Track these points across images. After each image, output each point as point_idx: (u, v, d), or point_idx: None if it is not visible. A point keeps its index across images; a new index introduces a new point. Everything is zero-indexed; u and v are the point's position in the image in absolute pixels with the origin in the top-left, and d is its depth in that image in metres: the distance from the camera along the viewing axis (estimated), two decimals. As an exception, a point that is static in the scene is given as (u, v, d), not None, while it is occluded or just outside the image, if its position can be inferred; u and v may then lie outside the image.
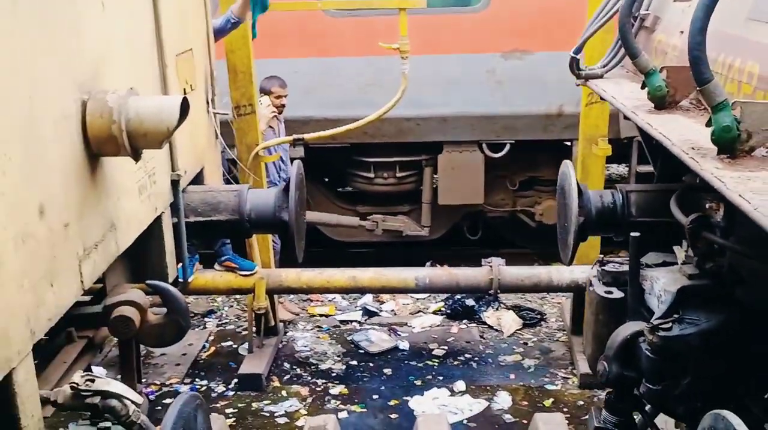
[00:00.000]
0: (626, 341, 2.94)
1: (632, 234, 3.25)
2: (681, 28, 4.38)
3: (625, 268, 3.39)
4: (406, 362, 6.57)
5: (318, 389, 6.16)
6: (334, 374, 6.38)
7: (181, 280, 4.28)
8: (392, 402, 5.94)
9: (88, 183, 2.91)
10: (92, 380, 2.59)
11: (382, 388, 6.15)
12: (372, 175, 7.84)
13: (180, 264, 4.15)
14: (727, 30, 3.66)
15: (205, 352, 6.82)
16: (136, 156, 2.98)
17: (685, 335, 2.71)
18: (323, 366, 6.53)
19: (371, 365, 6.53)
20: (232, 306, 7.82)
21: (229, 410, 5.84)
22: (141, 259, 3.81)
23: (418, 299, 7.73)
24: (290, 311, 7.38)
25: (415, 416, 5.59)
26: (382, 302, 7.71)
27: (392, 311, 7.58)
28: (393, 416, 5.77)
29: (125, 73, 3.34)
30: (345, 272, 6.19)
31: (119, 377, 3.31)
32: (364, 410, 5.84)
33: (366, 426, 5.61)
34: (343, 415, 5.75)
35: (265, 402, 5.96)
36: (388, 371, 6.43)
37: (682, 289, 2.89)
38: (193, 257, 6.33)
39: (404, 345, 6.81)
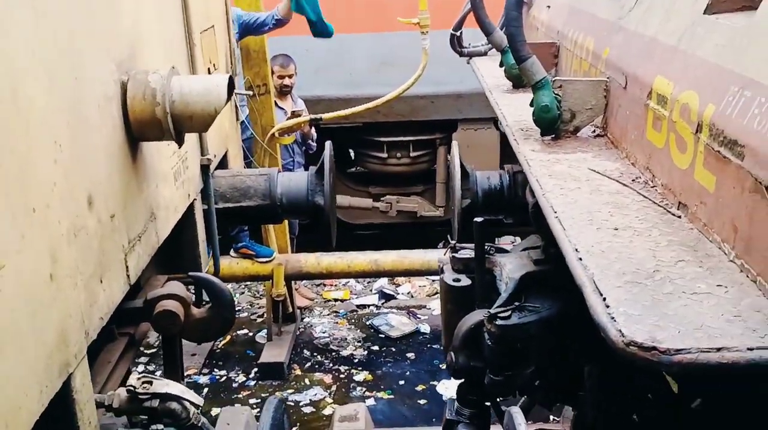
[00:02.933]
0: (471, 331, 2.72)
1: (475, 219, 3.01)
2: (548, 3, 4.22)
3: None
4: (428, 345, 6.45)
5: (341, 376, 6.02)
6: (356, 360, 6.25)
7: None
8: (419, 387, 5.82)
9: (129, 170, 2.71)
10: (150, 382, 2.42)
11: (408, 373, 6.02)
12: (385, 155, 7.65)
13: (211, 253, 3.96)
14: (577, 4, 3.54)
15: (221, 341, 6.65)
16: (180, 140, 2.78)
17: (524, 324, 2.48)
18: (344, 352, 6.39)
19: (393, 349, 6.40)
20: (243, 292, 7.65)
21: (252, 401, 5.70)
22: (173, 248, 3.61)
23: (434, 280, 7.58)
24: (305, 297, 7.22)
25: (444, 401, 5.47)
26: (398, 285, 7.57)
27: (409, 293, 7.44)
28: (422, 401, 5.64)
29: (157, 52, 3.12)
30: (366, 255, 6.03)
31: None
32: (392, 396, 5.71)
33: (397, 414, 5.48)
34: (370, 402, 5.62)
35: (289, 391, 5.82)
36: (411, 355, 6.30)
37: (524, 275, 2.68)
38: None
39: (425, 328, 6.69)
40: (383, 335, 6.59)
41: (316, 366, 6.18)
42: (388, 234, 8.17)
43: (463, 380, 2.95)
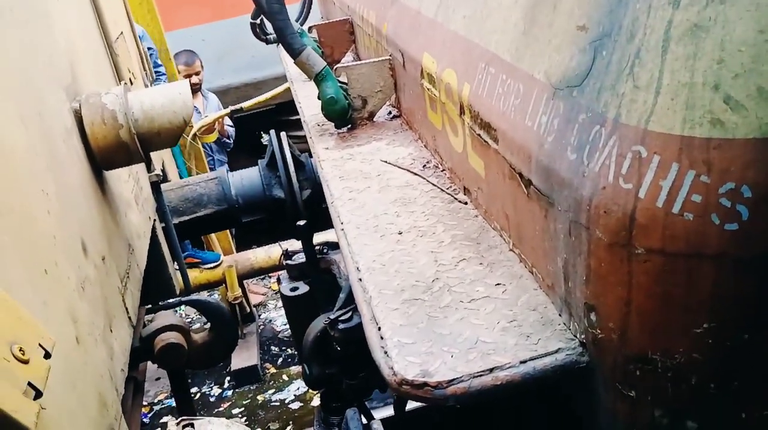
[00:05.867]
0: (317, 340, 2.57)
1: (298, 223, 2.92)
2: None
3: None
4: (394, 312, 6.39)
5: (318, 363, 5.89)
6: (327, 345, 6.12)
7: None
8: (399, 356, 5.77)
9: (103, 204, 2.46)
10: (191, 425, 2.22)
11: (383, 344, 5.95)
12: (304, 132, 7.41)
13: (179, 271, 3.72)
14: None
15: (181, 358, 6.35)
16: (149, 160, 2.54)
17: None
18: (313, 339, 6.24)
19: (360, 324, 6.31)
20: (188, 303, 7.32)
21: (235, 410, 5.49)
22: (143, 277, 3.36)
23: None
24: (257, 293, 6.99)
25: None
26: (345, 260, 7.44)
27: (358, 265, 7.33)
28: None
29: (90, 70, 2.83)
30: (317, 237, 5.84)
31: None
32: (375, 370, 5.64)
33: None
34: (355, 382, 5.53)
35: (270, 391, 5.64)
36: (380, 326, 6.23)
37: None
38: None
39: (386, 297, 6.62)
40: (346, 313, 6.48)
41: (289, 360, 6.02)
42: (326, 211, 8.00)
43: (323, 389, 2.77)
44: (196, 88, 6.01)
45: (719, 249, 0.99)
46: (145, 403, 5.71)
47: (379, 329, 1.44)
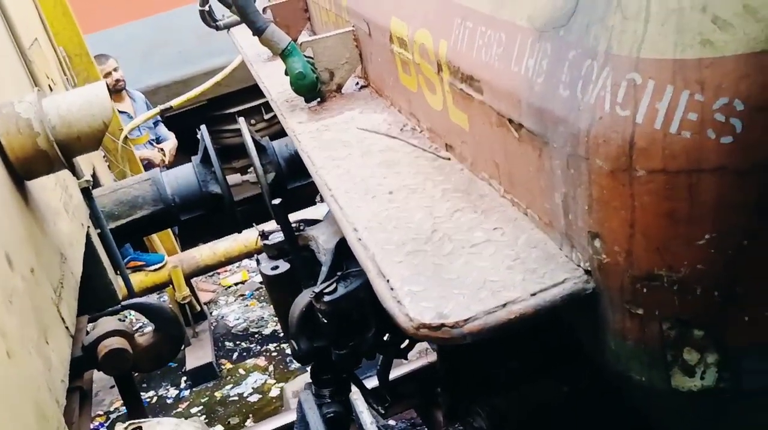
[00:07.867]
0: (303, 314, 2.56)
1: (273, 202, 2.98)
2: None
3: None
4: (345, 297, 6.43)
5: (274, 354, 5.90)
6: (281, 334, 6.12)
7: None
8: (353, 339, 5.81)
9: (28, 215, 2.41)
10: (140, 428, 2.22)
11: (337, 329, 5.99)
12: (238, 125, 7.35)
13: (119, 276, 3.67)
14: None
15: (135, 363, 6.27)
16: (72, 167, 2.51)
17: (352, 291, 2.33)
18: (267, 331, 6.24)
19: (313, 312, 6.32)
20: (137, 308, 7.22)
21: (194, 409, 5.47)
22: (81, 285, 3.31)
23: (326, 234, 7.52)
24: (206, 291, 6.94)
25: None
26: (293, 250, 7.43)
27: (305, 254, 7.34)
28: (361, 351, 5.65)
29: (1, 78, 2.76)
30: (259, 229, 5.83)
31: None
32: (331, 356, 5.67)
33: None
34: (312, 369, 5.56)
35: (228, 387, 5.63)
36: (332, 311, 6.25)
37: (338, 243, 2.52)
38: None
39: (336, 282, 6.64)
40: (298, 302, 6.49)
41: (245, 353, 6.01)
42: (293, 192, 7.94)
43: (312, 363, 2.77)
44: (120, 87, 5.89)
45: (717, 162, 1.05)
46: (100, 412, 5.64)
47: (388, 281, 1.46)
